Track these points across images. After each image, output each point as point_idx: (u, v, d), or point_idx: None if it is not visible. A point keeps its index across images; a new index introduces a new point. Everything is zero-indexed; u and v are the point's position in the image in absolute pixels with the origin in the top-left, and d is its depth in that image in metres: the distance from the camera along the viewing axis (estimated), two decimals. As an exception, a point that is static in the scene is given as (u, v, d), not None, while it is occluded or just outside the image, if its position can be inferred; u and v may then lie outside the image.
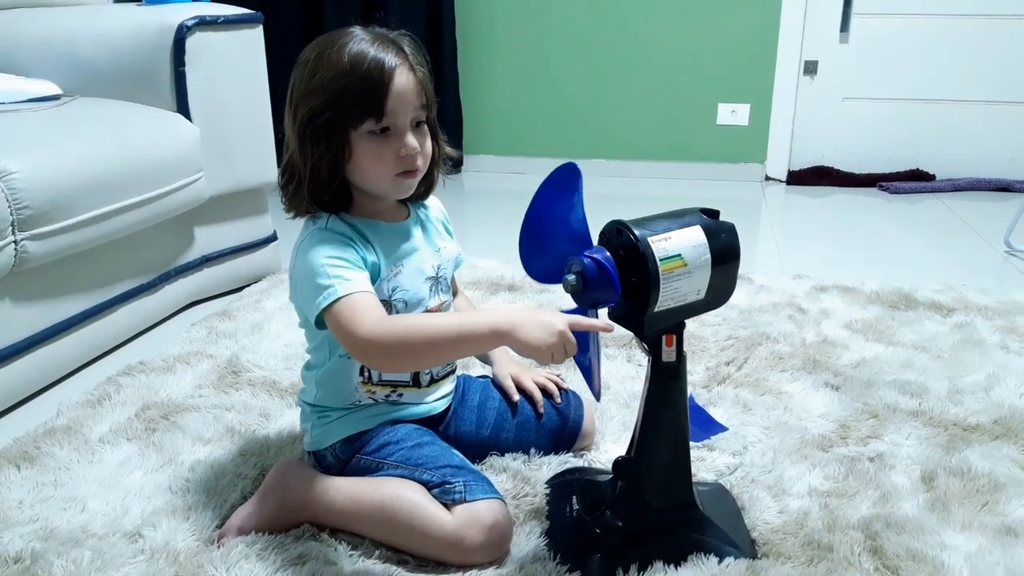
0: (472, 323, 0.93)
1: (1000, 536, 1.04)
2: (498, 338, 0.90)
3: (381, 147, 0.99)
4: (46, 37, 1.91)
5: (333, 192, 1.02)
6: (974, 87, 3.13)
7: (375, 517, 1.00)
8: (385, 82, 0.97)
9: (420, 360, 0.99)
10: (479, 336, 0.91)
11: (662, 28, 3.24)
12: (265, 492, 1.06)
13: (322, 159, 0.99)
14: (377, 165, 1.00)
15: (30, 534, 1.04)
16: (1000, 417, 1.33)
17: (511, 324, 0.89)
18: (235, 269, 2.05)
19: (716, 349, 1.61)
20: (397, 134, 0.99)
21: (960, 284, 1.98)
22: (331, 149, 0.99)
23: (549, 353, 0.88)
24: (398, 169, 1.00)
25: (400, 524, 0.99)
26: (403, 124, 0.99)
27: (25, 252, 1.37)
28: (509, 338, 0.89)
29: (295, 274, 1.02)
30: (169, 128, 1.77)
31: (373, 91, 0.96)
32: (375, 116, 0.97)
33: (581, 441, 1.23)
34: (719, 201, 0.99)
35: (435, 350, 0.93)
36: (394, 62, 0.98)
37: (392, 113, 0.98)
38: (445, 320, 0.97)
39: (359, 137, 0.98)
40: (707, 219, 0.93)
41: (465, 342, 0.93)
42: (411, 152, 1.00)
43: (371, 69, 0.96)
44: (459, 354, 1.07)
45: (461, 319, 0.94)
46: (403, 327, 0.93)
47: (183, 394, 1.43)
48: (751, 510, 1.09)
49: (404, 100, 0.98)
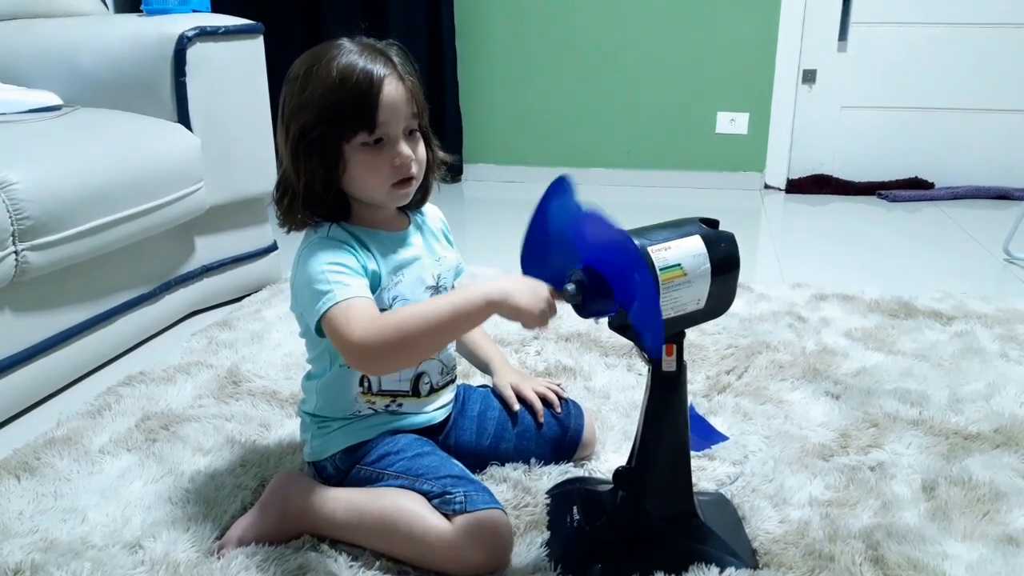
0: (464, 298, 0.92)
1: (1001, 545, 1.03)
2: (492, 307, 0.91)
3: (375, 158, 0.99)
4: (47, 47, 1.92)
5: (329, 204, 1.02)
6: (973, 95, 3.14)
7: (376, 528, 1.00)
8: (375, 94, 0.97)
9: (417, 350, 0.98)
10: (473, 308, 0.91)
11: (661, 37, 3.25)
12: (265, 503, 1.06)
13: (316, 173, 1.00)
14: (372, 176, 1.00)
15: (30, 545, 1.03)
16: (1001, 426, 1.33)
17: (503, 292, 0.90)
18: (235, 279, 2.05)
19: (716, 358, 1.61)
20: (390, 144, 1.00)
21: (960, 292, 1.98)
22: (324, 163, 0.99)
23: (542, 317, 0.91)
24: (393, 179, 1.01)
25: (401, 534, 0.98)
26: (395, 134, 1.00)
27: (26, 262, 1.37)
28: (503, 306, 0.90)
29: (295, 282, 1.03)
30: (169, 138, 1.77)
31: (364, 103, 0.97)
32: (367, 128, 0.98)
33: (581, 451, 1.23)
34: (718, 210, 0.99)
35: (431, 334, 0.93)
36: (383, 72, 0.98)
37: (384, 124, 0.98)
38: (437, 302, 0.96)
39: (352, 150, 0.99)
40: (706, 229, 0.93)
41: (461, 318, 0.92)
42: (405, 161, 1.00)
43: (360, 81, 0.97)
44: (456, 332, 1.07)
45: (452, 297, 0.94)
46: (395, 320, 0.94)
47: (183, 404, 1.43)
48: (752, 520, 1.09)
49: (395, 110, 0.99)
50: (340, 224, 1.04)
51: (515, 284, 0.92)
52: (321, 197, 1.01)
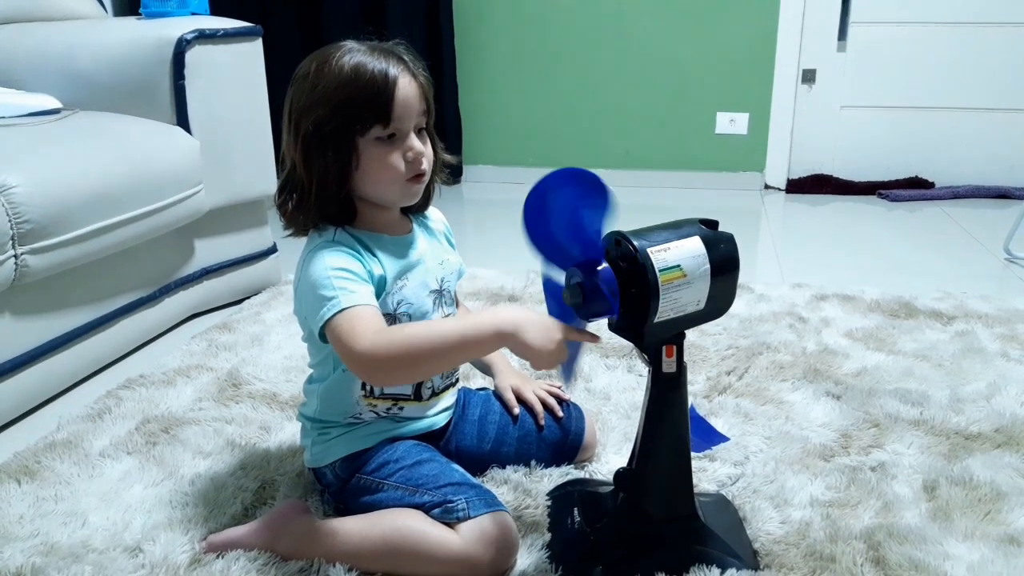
0: (474, 326, 0.91)
1: (1003, 545, 1.03)
2: (501, 339, 0.90)
3: (389, 152, 0.99)
4: (46, 51, 1.92)
5: (340, 204, 1.02)
6: (972, 94, 3.13)
7: (381, 553, 0.98)
8: (391, 88, 0.97)
9: (421, 369, 0.98)
10: (482, 338, 0.91)
11: (660, 38, 3.25)
12: (263, 531, 1.04)
13: (329, 169, 0.99)
14: (386, 171, 1.00)
15: (31, 549, 1.03)
16: (1002, 426, 1.33)
17: (515, 326, 0.89)
18: (235, 281, 2.05)
19: (717, 359, 1.61)
20: (402, 139, 1.00)
21: (960, 292, 1.98)
22: (338, 159, 0.99)
23: (549, 359, 0.89)
24: (408, 174, 1.01)
25: (407, 554, 0.97)
26: (408, 129, 1.00)
27: (25, 266, 1.37)
28: (513, 339, 0.89)
29: (300, 286, 1.02)
30: (169, 141, 1.77)
31: (379, 96, 0.97)
32: (382, 122, 0.98)
33: (582, 453, 1.23)
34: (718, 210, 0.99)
35: (438, 357, 0.93)
36: (396, 69, 0.98)
37: (398, 119, 0.98)
38: (446, 325, 0.96)
39: (367, 144, 0.99)
40: (706, 229, 0.93)
41: (468, 345, 0.92)
42: (419, 155, 1.00)
43: (375, 76, 0.97)
44: (462, 359, 1.07)
45: (462, 323, 0.93)
46: (402, 336, 0.93)
47: (183, 407, 1.43)
48: (753, 521, 1.09)
49: (408, 106, 0.99)
50: (345, 228, 1.03)
51: (528, 318, 0.90)
52: (334, 195, 1.00)
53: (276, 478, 1.20)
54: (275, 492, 1.17)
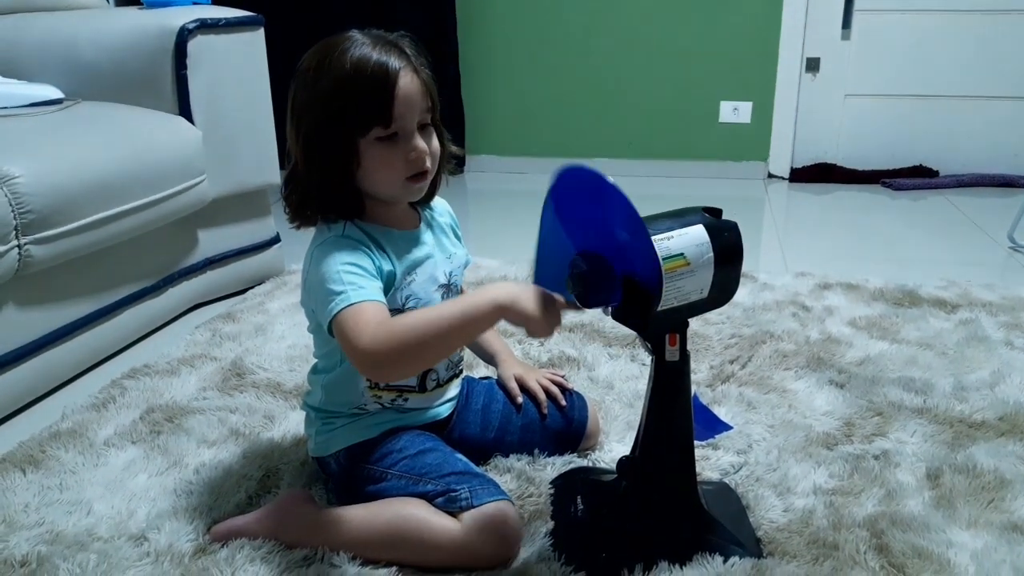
0: (472, 303, 0.91)
1: (1006, 533, 1.03)
2: (500, 311, 0.90)
3: (390, 152, 0.98)
4: (47, 41, 1.91)
5: (345, 199, 1.01)
6: (977, 83, 3.12)
7: (383, 542, 0.99)
8: (390, 87, 0.96)
9: (425, 355, 0.97)
10: (481, 313, 0.91)
11: (663, 27, 3.23)
12: (267, 519, 1.04)
13: (330, 168, 0.98)
14: (387, 171, 0.99)
15: (36, 538, 1.04)
16: (1005, 414, 1.33)
17: (511, 297, 0.90)
18: (239, 271, 2.05)
19: (720, 348, 1.61)
20: (405, 138, 0.98)
21: (964, 280, 1.98)
22: (339, 158, 0.98)
23: (548, 325, 0.90)
24: (408, 173, 1.00)
25: (410, 543, 0.98)
26: (410, 127, 0.98)
27: (29, 256, 1.37)
28: (511, 310, 0.90)
29: (309, 278, 1.01)
30: (171, 131, 1.77)
31: (379, 97, 0.95)
32: (383, 122, 0.96)
33: (585, 442, 1.23)
34: (721, 199, 0.98)
35: (441, 339, 0.92)
36: (397, 65, 0.97)
37: (400, 118, 0.97)
38: (444, 307, 0.96)
39: (367, 144, 0.98)
40: (709, 218, 0.93)
41: (469, 323, 0.92)
42: (421, 155, 0.99)
43: (375, 74, 0.95)
44: (465, 339, 1.06)
45: (460, 302, 0.93)
46: (404, 325, 0.93)
47: (187, 397, 1.44)
48: (756, 509, 1.09)
49: (410, 104, 0.97)
50: (355, 222, 1.02)
51: (523, 289, 0.91)
52: (336, 193, 1.00)
53: (280, 467, 1.20)
54: (279, 481, 1.17)
